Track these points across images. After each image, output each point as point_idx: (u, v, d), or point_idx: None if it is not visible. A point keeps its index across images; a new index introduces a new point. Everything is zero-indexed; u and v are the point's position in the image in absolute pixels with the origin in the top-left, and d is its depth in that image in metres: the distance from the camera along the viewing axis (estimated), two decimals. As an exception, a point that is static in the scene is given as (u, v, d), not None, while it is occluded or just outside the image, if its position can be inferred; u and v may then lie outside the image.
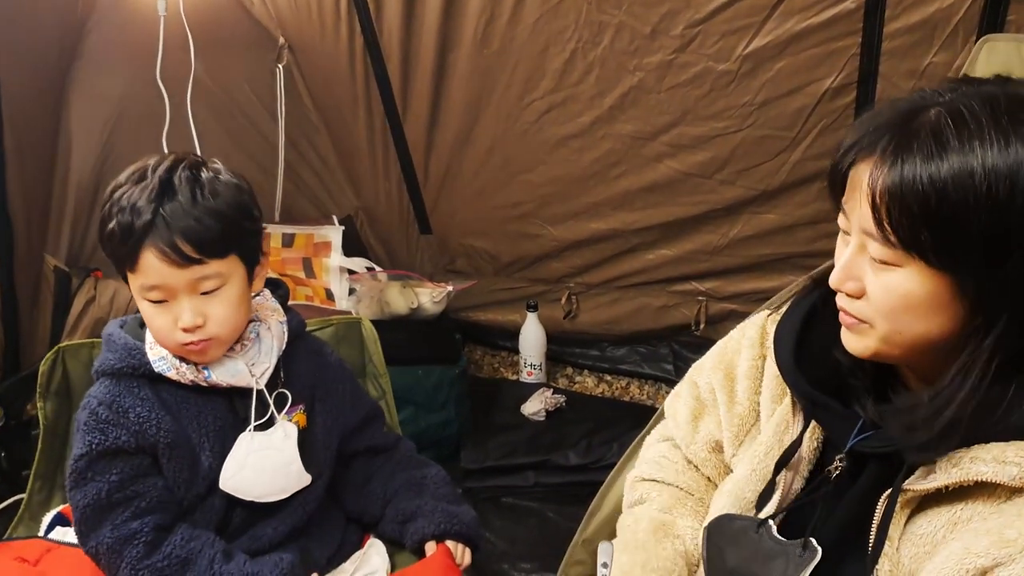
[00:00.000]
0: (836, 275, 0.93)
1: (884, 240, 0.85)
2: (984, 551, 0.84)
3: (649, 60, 2.18)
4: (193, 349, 1.23)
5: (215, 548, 1.26)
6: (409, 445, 1.55)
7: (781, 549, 0.99)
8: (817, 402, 1.01)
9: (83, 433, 1.25)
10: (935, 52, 1.94)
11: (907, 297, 0.86)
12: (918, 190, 0.82)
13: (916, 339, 0.89)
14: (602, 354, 2.84)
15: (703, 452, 1.20)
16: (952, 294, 0.85)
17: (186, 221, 1.17)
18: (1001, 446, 0.85)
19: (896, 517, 0.91)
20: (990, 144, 0.80)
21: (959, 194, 0.80)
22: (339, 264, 2.59)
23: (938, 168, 0.81)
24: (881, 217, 0.85)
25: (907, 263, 0.85)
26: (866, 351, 0.93)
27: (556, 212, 2.60)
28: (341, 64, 2.46)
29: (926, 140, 0.82)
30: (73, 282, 2.44)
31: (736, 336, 1.20)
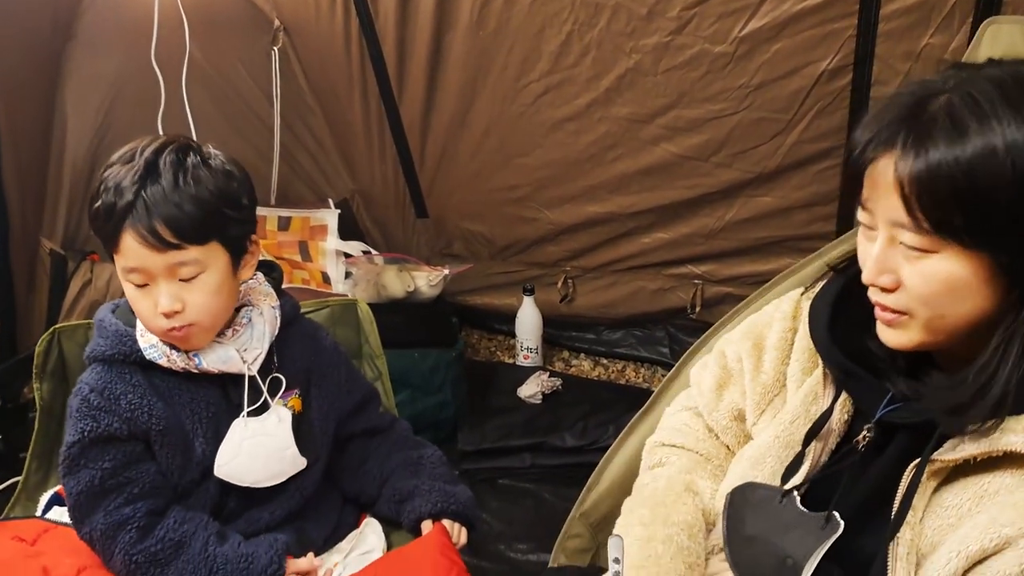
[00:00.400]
0: (870, 270, 0.94)
1: (917, 228, 0.87)
2: (1010, 521, 0.86)
3: (645, 42, 2.17)
4: (176, 335, 1.23)
5: (208, 530, 1.26)
6: (405, 426, 1.55)
7: (803, 520, 1.01)
8: (849, 372, 1.03)
9: (75, 420, 1.25)
10: (931, 34, 1.93)
11: (948, 281, 0.88)
12: (946, 174, 0.84)
13: (959, 322, 0.91)
14: (598, 337, 2.85)
15: (725, 420, 1.22)
16: (990, 272, 0.87)
17: (166, 205, 1.16)
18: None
19: (922, 488, 0.92)
20: (1008, 122, 0.83)
21: (985, 173, 0.83)
22: (335, 247, 2.58)
23: (963, 150, 0.83)
24: (912, 206, 0.86)
25: (943, 248, 0.87)
26: (910, 343, 0.95)
27: (552, 195, 2.60)
28: (336, 46, 2.45)
29: (945, 125, 0.85)
30: (69, 265, 2.44)
31: (769, 310, 1.23)
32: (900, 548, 0.92)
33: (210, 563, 1.23)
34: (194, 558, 1.23)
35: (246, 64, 2.56)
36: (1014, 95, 0.85)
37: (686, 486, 1.19)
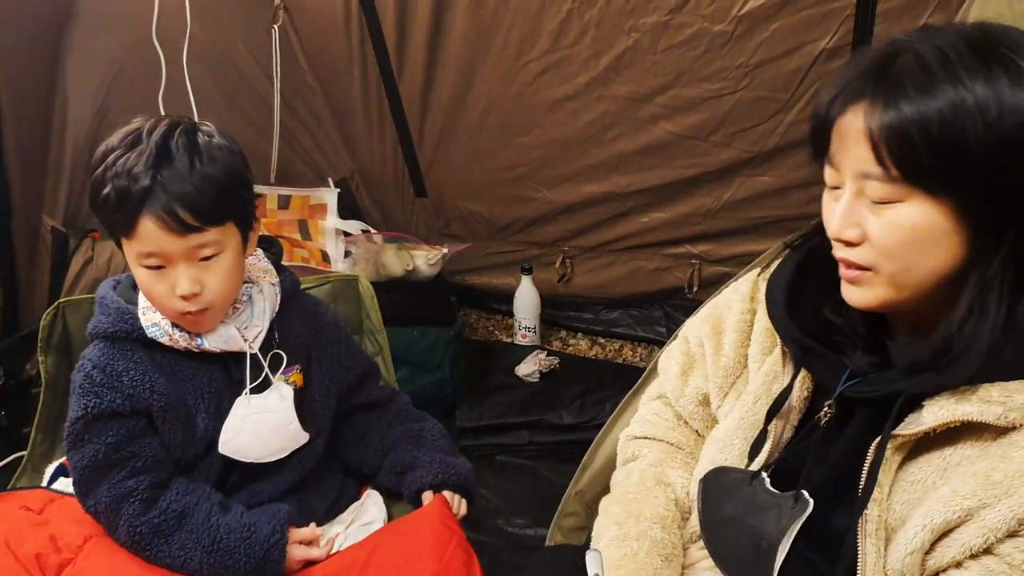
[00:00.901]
0: (836, 223, 0.93)
1: (886, 176, 0.87)
2: (971, 493, 0.86)
3: (645, 21, 2.18)
4: (189, 320, 1.24)
5: (211, 501, 1.28)
6: (405, 399, 1.56)
7: (774, 501, 1.01)
8: (808, 349, 1.03)
9: (78, 396, 1.26)
10: (930, 13, 1.94)
11: (914, 230, 0.88)
12: (917, 121, 0.84)
13: (924, 276, 0.90)
14: (596, 317, 2.86)
15: (691, 406, 1.22)
16: (956, 221, 0.86)
17: (184, 188, 1.16)
18: (986, 386, 0.87)
19: (887, 464, 0.93)
20: (976, 72, 0.84)
21: (956, 120, 0.83)
22: (335, 226, 2.59)
23: (933, 99, 0.84)
24: (882, 154, 0.87)
25: (909, 196, 0.87)
26: (875, 300, 0.94)
27: (551, 175, 2.61)
28: (336, 24, 2.46)
29: (916, 75, 0.85)
30: (71, 243, 2.45)
31: (727, 293, 1.22)
32: (869, 525, 0.92)
33: (213, 533, 1.25)
34: (197, 528, 1.25)
35: (246, 42, 2.56)
36: (981, 47, 0.85)
37: (657, 479, 1.20)
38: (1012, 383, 0.87)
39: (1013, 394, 0.86)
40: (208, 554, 1.24)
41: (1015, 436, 0.86)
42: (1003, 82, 0.83)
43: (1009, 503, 0.85)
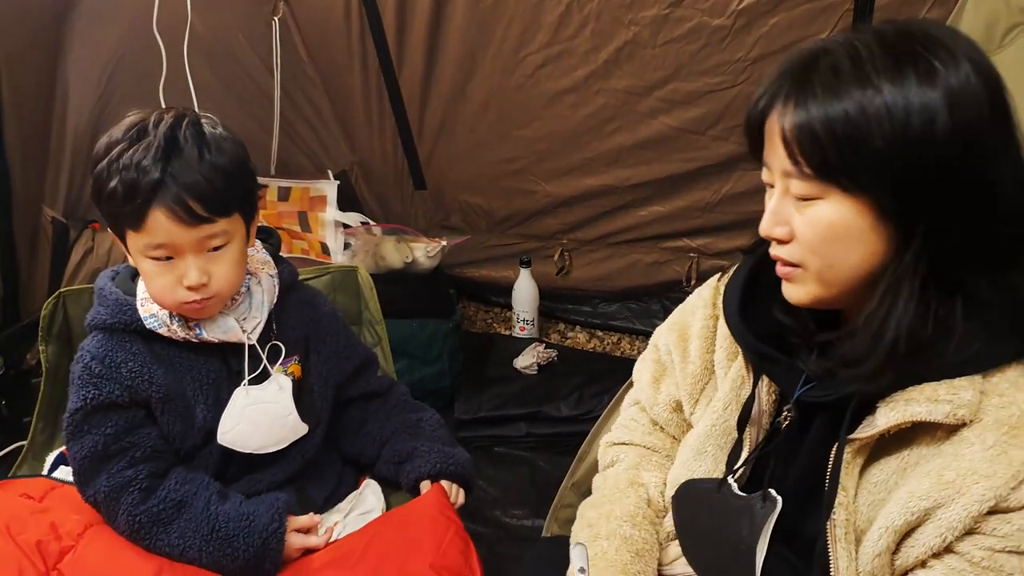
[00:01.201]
0: (764, 222, 0.95)
1: (801, 175, 0.89)
2: (925, 494, 0.87)
3: (644, 14, 2.18)
4: (193, 307, 1.24)
5: (210, 490, 1.29)
6: (403, 389, 1.57)
7: (745, 504, 1.02)
8: (764, 355, 1.03)
9: (77, 387, 1.26)
10: (928, 8, 1.94)
11: (833, 227, 0.89)
12: (823, 122, 0.86)
13: (849, 273, 0.91)
14: (594, 310, 2.86)
15: (665, 413, 1.23)
16: (874, 217, 0.87)
17: (195, 179, 1.16)
18: (933, 385, 0.88)
19: (849, 467, 0.93)
20: (885, 72, 0.85)
21: (861, 120, 0.84)
22: (334, 218, 2.59)
23: (840, 99, 0.85)
24: (794, 152, 0.88)
25: (826, 193, 0.88)
26: (806, 296, 0.95)
27: (550, 168, 2.61)
28: (336, 16, 2.46)
29: (826, 75, 0.87)
30: (71, 233, 2.45)
31: (692, 299, 1.22)
32: (838, 529, 0.93)
33: (212, 521, 1.26)
34: (196, 517, 1.26)
35: (247, 34, 2.56)
36: (895, 46, 0.86)
37: (630, 481, 1.21)
38: (958, 380, 0.87)
39: (959, 391, 0.87)
40: (207, 543, 1.25)
41: (965, 432, 0.87)
42: (911, 81, 0.84)
43: (962, 502, 0.85)
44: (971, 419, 0.87)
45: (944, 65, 0.84)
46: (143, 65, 2.30)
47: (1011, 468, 0.84)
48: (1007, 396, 0.87)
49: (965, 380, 0.87)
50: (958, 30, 0.90)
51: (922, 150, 0.84)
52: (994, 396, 0.87)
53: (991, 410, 0.87)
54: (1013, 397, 0.87)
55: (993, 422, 0.86)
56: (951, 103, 0.83)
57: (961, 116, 0.83)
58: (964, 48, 0.86)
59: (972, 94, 0.84)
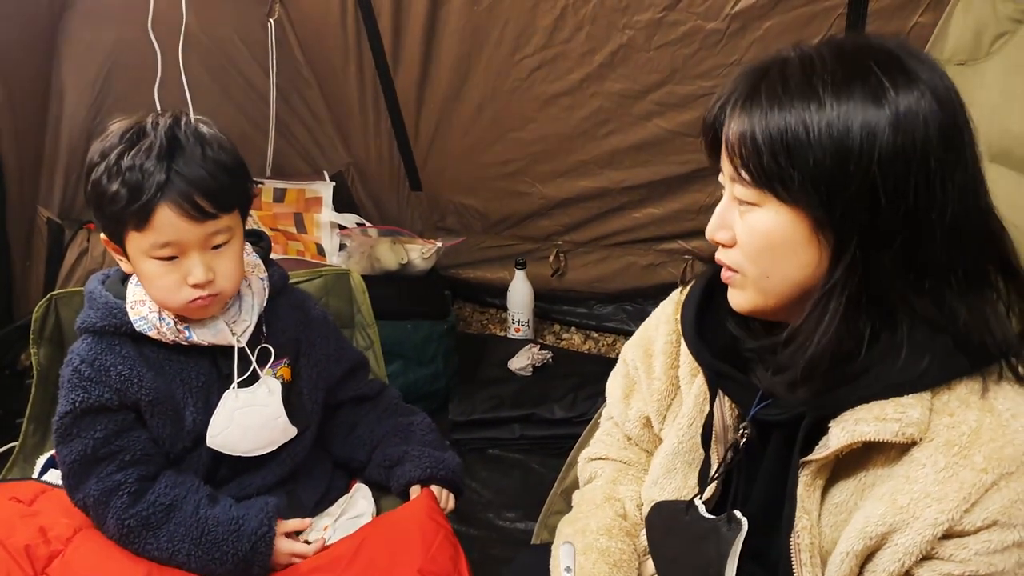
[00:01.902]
0: (710, 224, 0.95)
1: (741, 180, 0.89)
2: (880, 518, 0.86)
3: (639, 18, 2.19)
4: (199, 304, 1.24)
5: (200, 494, 1.29)
6: (394, 393, 1.58)
7: (712, 526, 1.01)
8: (720, 372, 1.02)
9: (67, 391, 1.27)
10: (921, 12, 1.95)
11: (768, 235, 0.89)
12: (763, 131, 0.85)
13: (784, 283, 0.90)
14: (589, 312, 2.87)
15: (636, 428, 1.23)
16: (810, 230, 0.87)
17: (200, 175, 1.18)
18: (881, 404, 0.86)
19: (810, 489, 0.92)
20: (831, 87, 0.84)
21: (800, 130, 0.84)
22: (330, 220, 2.59)
23: (782, 111, 0.85)
24: (735, 157, 0.88)
25: (764, 201, 0.88)
26: (746, 304, 0.95)
27: (545, 170, 2.62)
28: (332, 19, 2.46)
29: (774, 85, 0.86)
30: (66, 234, 2.45)
31: (657, 313, 1.21)
32: (803, 554, 0.92)
33: (201, 525, 1.26)
34: (185, 520, 1.26)
35: (242, 35, 2.56)
36: (849, 61, 0.85)
37: (606, 496, 1.21)
38: (905, 398, 0.86)
39: (907, 409, 0.85)
40: (196, 546, 1.26)
41: (916, 453, 0.86)
42: (857, 99, 0.83)
43: (916, 526, 0.84)
44: (921, 437, 0.85)
45: (895, 85, 0.83)
46: (138, 66, 2.29)
47: (962, 491, 0.83)
48: (957, 415, 0.85)
49: (913, 398, 0.86)
50: (923, 52, 0.89)
51: (860, 167, 0.82)
52: (944, 415, 0.86)
53: (941, 430, 0.85)
54: (963, 416, 0.85)
55: (944, 443, 0.85)
56: (896, 124, 0.82)
57: (906, 138, 0.82)
58: (924, 70, 0.85)
59: (921, 117, 0.82)
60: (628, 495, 1.21)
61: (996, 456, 0.83)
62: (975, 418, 0.85)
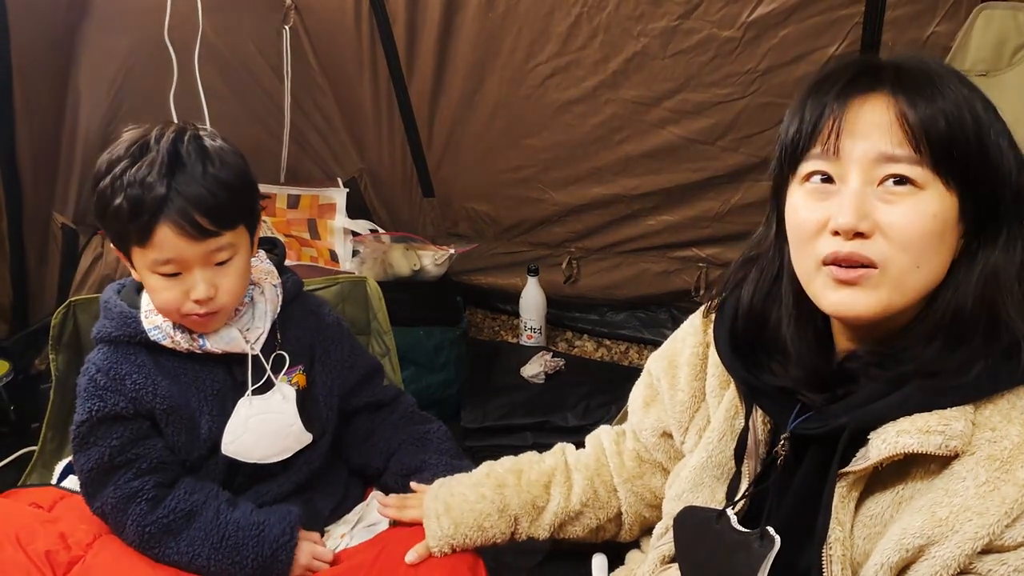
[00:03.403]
0: (851, 213, 0.87)
1: (914, 161, 0.86)
2: (919, 531, 0.86)
3: (653, 26, 2.19)
4: (198, 320, 1.25)
5: (219, 499, 1.29)
6: (410, 400, 1.57)
7: (742, 540, 0.99)
8: (754, 386, 1.01)
9: (83, 399, 1.27)
10: (938, 22, 1.95)
11: (934, 219, 0.86)
12: (950, 115, 0.86)
13: (931, 275, 0.88)
14: (602, 319, 2.86)
15: (652, 437, 1.23)
16: (956, 219, 0.88)
17: (199, 193, 1.17)
18: (924, 416, 0.86)
19: (844, 501, 0.92)
20: (954, 82, 0.88)
21: (971, 118, 0.86)
22: (343, 226, 2.60)
23: (944, 97, 0.87)
24: (919, 139, 0.86)
25: (929, 184, 0.86)
26: (877, 304, 0.88)
27: (558, 177, 2.62)
28: (347, 25, 2.47)
29: (923, 78, 0.88)
30: (80, 239, 2.46)
31: (684, 326, 1.20)
32: (834, 565, 0.91)
33: (222, 530, 1.26)
34: (206, 525, 1.26)
35: (257, 42, 2.58)
36: (938, 65, 0.91)
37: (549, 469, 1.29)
38: (949, 411, 0.85)
39: (951, 422, 0.85)
40: (216, 551, 1.26)
41: (956, 466, 0.85)
42: (966, 87, 0.88)
43: (956, 540, 0.84)
44: (963, 451, 0.85)
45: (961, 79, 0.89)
46: (154, 73, 2.31)
47: (1004, 505, 0.82)
48: (999, 430, 0.85)
49: (956, 411, 0.85)
50: None
51: (996, 149, 0.87)
52: (986, 429, 0.85)
53: (983, 444, 0.85)
54: (1005, 431, 0.85)
55: (985, 457, 0.84)
56: (985, 105, 0.88)
57: (993, 115, 0.88)
58: None
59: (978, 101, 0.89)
60: (559, 493, 1.25)
61: None
62: (1017, 432, 0.84)
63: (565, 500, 1.25)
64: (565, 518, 1.25)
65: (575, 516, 1.26)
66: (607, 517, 1.27)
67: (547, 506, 1.25)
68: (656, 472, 1.25)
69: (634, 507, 1.26)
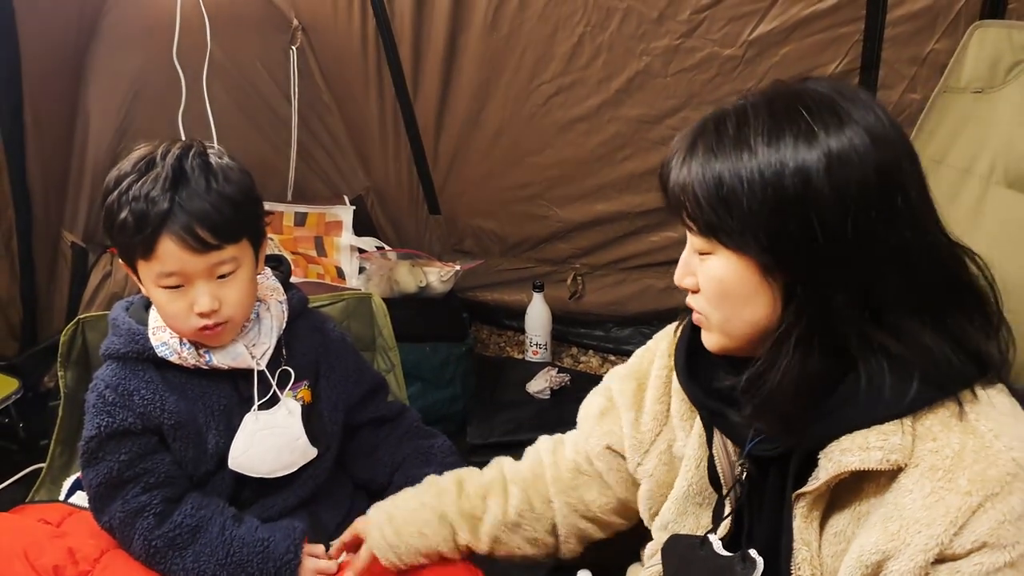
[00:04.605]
0: (676, 272, 0.97)
1: (691, 230, 0.91)
2: (874, 547, 0.87)
3: (656, 45, 2.21)
4: (208, 334, 1.26)
5: (225, 515, 1.30)
6: (415, 415, 1.58)
7: (726, 564, 1.01)
8: (713, 410, 1.02)
9: (92, 415, 1.29)
10: (937, 39, 1.96)
11: (723, 282, 0.91)
12: (701, 180, 0.88)
13: (745, 326, 0.92)
14: (607, 334, 2.87)
15: (598, 448, 1.23)
16: (760, 276, 0.88)
17: (202, 207, 1.19)
18: (863, 433, 0.87)
19: (807, 520, 0.93)
20: (764, 134, 0.86)
21: (735, 180, 0.86)
22: (350, 243, 2.62)
23: (717, 160, 0.87)
24: (682, 209, 0.91)
25: (715, 249, 0.90)
26: (715, 344, 0.97)
27: (563, 194, 2.63)
28: (353, 46, 2.49)
29: (709, 138, 0.89)
30: (90, 257, 2.47)
31: (651, 346, 1.22)
32: None
33: (227, 546, 1.27)
34: (212, 541, 1.27)
35: (265, 62, 2.60)
36: (780, 107, 0.87)
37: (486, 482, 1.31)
38: (886, 425, 0.86)
39: (889, 436, 0.86)
40: (221, 567, 1.27)
41: (903, 479, 0.86)
42: (787, 144, 0.85)
43: (908, 553, 0.84)
44: (907, 463, 0.86)
45: (826, 127, 0.84)
46: (163, 93, 2.33)
47: (949, 515, 0.83)
48: (940, 439, 0.86)
49: (893, 424, 0.86)
50: (860, 92, 0.90)
51: (796, 211, 0.84)
52: (928, 440, 0.86)
53: (926, 455, 0.86)
54: (946, 439, 0.86)
55: (929, 468, 0.85)
56: (828, 166, 0.83)
57: (839, 178, 0.83)
58: (858, 110, 0.87)
59: (855, 156, 0.84)
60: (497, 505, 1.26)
61: (980, 478, 0.83)
62: (958, 441, 0.85)
63: (502, 512, 1.26)
64: (503, 529, 1.26)
65: (513, 527, 1.26)
66: (544, 529, 1.28)
67: (484, 517, 1.26)
68: (592, 484, 1.25)
69: (568, 519, 1.27)
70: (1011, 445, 0.84)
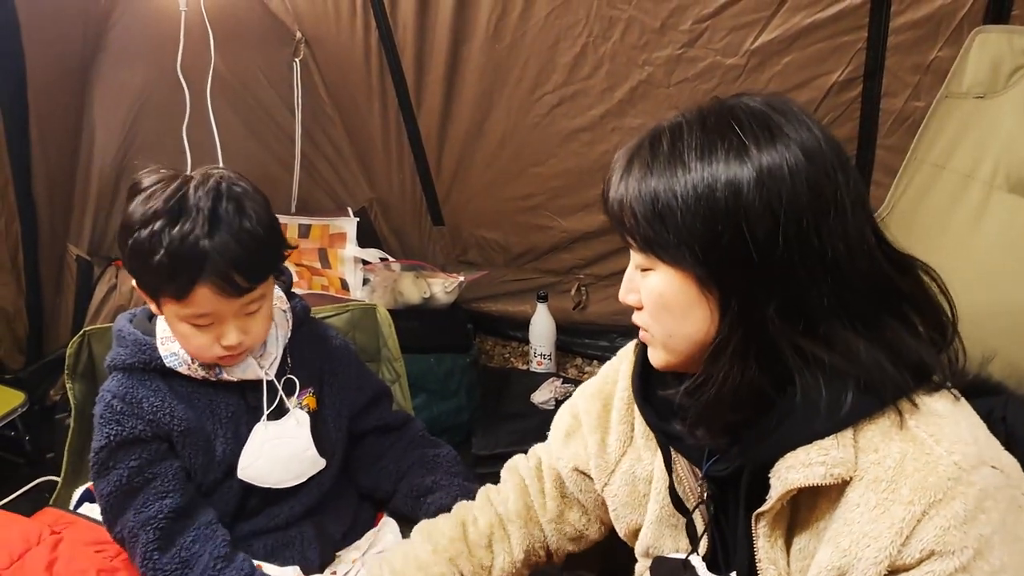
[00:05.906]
0: (621, 289, 0.98)
1: (631, 246, 0.92)
2: (829, 563, 0.86)
3: (658, 55, 2.21)
4: (228, 359, 1.28)
5: (216, 554, 1.28)
6: (419, 425, 1.59)
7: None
8: (668, 432, 1.02)
9: (100, 426, 1.29)
10: (940, 47, 1.96)
11: (662, 297, 0.91)
12: (636, 198, 0.88)
13: (686, 341, 0.92)
14: (611, 345, 2.85)
15: (567, 470, 1.23)
16: (698, 290, 0.88)
17: (238, 253, 1.18)
18: (805, 449, 0.87)
19: (770, 540, 0.93)
20: (695, 149, 0.86)
21: (668, 195, 0.86)
22: (354, 255, 2.62)
23: (652, 176, 0.88)
24: (619, 227, 0.91)
25: (654, 264, 0.90)
26: (660, 361, 0.97)
27: (566, 204, 2.63)
28: (356, 58, 2.50)
29: (644, 155, 0.89)
30: (95, 271, 2.49)
31: (615, 364, 1.21)
32: None
33: None
34: None
35: (268, 75, 2.62)
36: (713, 123, 0.88)
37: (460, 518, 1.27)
38: (826, 440, 0.86)
39: (829, 451, 0.86)
40: None
41: (850, 493, 0.86)
42: (719, 159, 0.85)
43: (861, 567, 0.84)
44: (852, 476, 0.86)
45: (757, 142, 0.85)
46: (167, 107, 2.35)
47: (894, 526, 0.83)
48: (881, 450, 0.85)
49: (832, 439, 0.86)
50: (792, 106, 0.90)
51: (728, 225, 0.84)
52: (870, 452, 0.86)
53: (869, 467, 0.85)
54: (887, 450, 0.85)
55: (872, 480, 0.85)
56: (760, 180, 0.83)
57: (771, 192, 0.83)
58: (790, 124, 0.87)
59: (786, 170, 0.84)
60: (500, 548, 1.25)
61: (921, 486, 0.82)
62: (899, 450, 0.85)
63: (509, 554, 1.25)
64: (514, 567, 1.25)
65: (522, 563, 1.26)
66: (542, 552, 1.28)
67: (494, 562, 1.25)
68: (574, 507, 1.25)
69: (559, 543, 1.27)
70: (951, 449, 0.83)
